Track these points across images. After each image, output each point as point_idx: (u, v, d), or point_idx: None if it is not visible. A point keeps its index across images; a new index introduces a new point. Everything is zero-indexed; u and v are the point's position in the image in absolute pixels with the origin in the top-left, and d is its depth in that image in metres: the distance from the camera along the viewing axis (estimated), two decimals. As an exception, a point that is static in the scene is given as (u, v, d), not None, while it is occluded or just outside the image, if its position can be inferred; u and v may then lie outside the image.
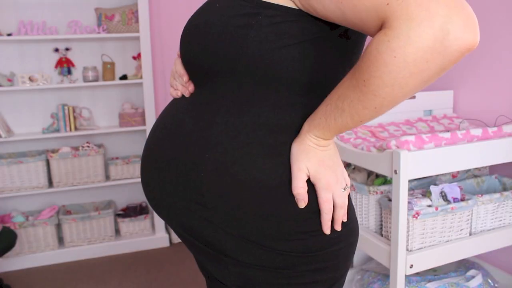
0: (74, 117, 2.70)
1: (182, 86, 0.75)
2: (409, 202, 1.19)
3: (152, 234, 2.84)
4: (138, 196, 2.96)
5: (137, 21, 2.68)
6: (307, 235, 0.66)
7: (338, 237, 0.68)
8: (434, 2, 0.47)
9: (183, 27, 0.73)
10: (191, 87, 0.73)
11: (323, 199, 0.65)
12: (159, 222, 2.83)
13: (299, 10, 0.60)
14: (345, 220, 0.68)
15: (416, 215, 1.19)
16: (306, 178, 0.64)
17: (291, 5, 0.60)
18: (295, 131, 0.66)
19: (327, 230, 0.66)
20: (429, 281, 1.37)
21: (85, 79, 2.69)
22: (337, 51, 0.65)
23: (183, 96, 0.75)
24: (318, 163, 0.64)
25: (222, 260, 0.68)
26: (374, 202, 1.37)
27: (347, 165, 1.61)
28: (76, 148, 2.74)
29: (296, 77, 0.63)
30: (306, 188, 0.64)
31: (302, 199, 0.64)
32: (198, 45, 0.66)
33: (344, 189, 0.67)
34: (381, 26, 0.51)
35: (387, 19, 0.49)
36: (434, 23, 0.46)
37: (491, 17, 1.55)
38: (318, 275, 0.68)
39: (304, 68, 0.63)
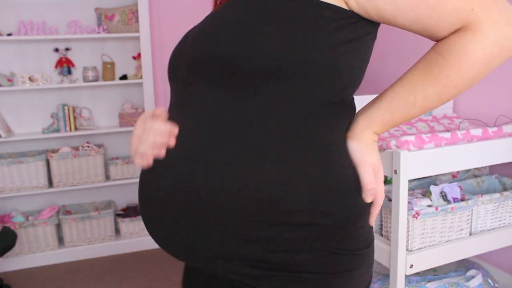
0: (74, 117, 2.71)
1: (157, 148, 0.66)
2: (409, 202, 1.19)
3: (152, 234, 2.84)
4: (138, 196, 2.96)
5: (137, 21, 2.68)
6: (364, 231, 0.67)
7: (372, 231, 0.71)
8: (509, 9, 0.57)
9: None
10: (172, 140, 0.65)
11: (381, 192, 0.67)
12: (159, 222, 2.83)
13: (351, 12, 0.60)
14: None
15: (416, 215, 1.19)
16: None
17: (343, 5, 0.60)
18: (346, 130, 0.67)
19: (373, 222, 0.68)
20: (429, 281, 1.37)
21: (85, 79, 2.69)
22: (369, 52, 0.67)
23: (210, 119, 0.62)
24: (377, 158, 0.67)
25: (303, 278, 0.63)
26: (374, 202, 1.37)
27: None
28: (76, 148, 2.74)
29: (352, 80, 0.65)
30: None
31: (373, 194, 0.65)
32: (249, 45, 0.58)
33: None
34: (456, 29, 0.58)
35: (471, 22, 0.56)
36: (500, 27, 0.56)
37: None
38: (366, 275, 0.69)
39: (356, 70, 0.65)
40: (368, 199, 0.65)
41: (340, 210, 0.62)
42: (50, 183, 2.70)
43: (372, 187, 0.64)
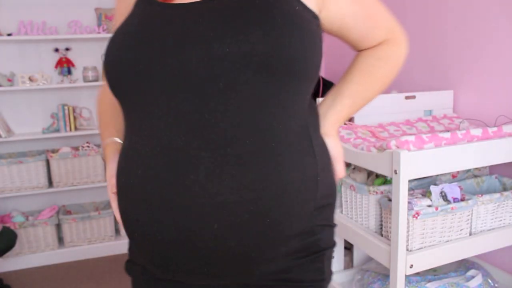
0: (74, 117, 2.71)
1: None
2: (409, 202, 1.19)
3: (152, 234, 2.84)
4: (138, 196, 2.96)
5: (137, 21, 2.68)
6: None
7: None
8: (403, 29, 0.81)
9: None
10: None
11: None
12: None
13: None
14: None
15: (416, 215, 1.19)
16: None
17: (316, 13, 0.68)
18: None
19: None
20: (429, 281, 1.37)
21: (85, 79, 2.69)
22: None
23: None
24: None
25: (320, 257, 0.72)
26: (374, 202, 1.37)
27: (347, 165, 1.61)
28: (76, 148, 2.74)
29: None
30: None
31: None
32: (298, 44, 0.61)
33: None
34: (379, 42, 0.78)
35: (392, 37, 0.78)
36: (407, 42, 0.81)
37: (491, 17, 1.55)
38: None
39: None
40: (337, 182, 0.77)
41: (336, 191, 0.75)
42: (50, 183, 2.70)
43: (344, 174, 0.76)
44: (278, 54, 0.59)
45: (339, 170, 0.74)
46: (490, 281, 1.42)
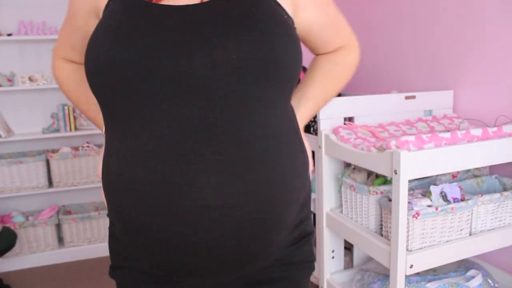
0: (74, 117, 2.71)
1: None
2: (409, 202, 1.19)
3: (152, 234, 2.84)
4: (138, 196, 2.96)
5: (137, 21, 2.68)
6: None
7: None
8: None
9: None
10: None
11: None
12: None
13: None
14: None
15: (416, 215, 1.19)
16: None
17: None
18: None
19: None
20: (429, 281, 1.37)
21: (85, 79, 2.69)
22: None
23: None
24: None
25: (309, 240, 0.79)
26: (374, 202, 1.37)
27: (347, 165, 1.61)
28: (76, 148, 2.74)
29: None
30: None
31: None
32: (291, 50, 0.65)
33: None
34: (337, 48, 0.84)
35: (348, 43, 0.85)
36: (359, 48, 0.88)
37: (491, 17, 1.55)
38: None
39: None
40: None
41: (310, 182, 0.80)
42: (50, 183, 2.70)
43: (313, 169, 0.82)
44: (278, 60, 0.62)
45: (312, 165, 0.81)
46: (490, 281, 1.42)
